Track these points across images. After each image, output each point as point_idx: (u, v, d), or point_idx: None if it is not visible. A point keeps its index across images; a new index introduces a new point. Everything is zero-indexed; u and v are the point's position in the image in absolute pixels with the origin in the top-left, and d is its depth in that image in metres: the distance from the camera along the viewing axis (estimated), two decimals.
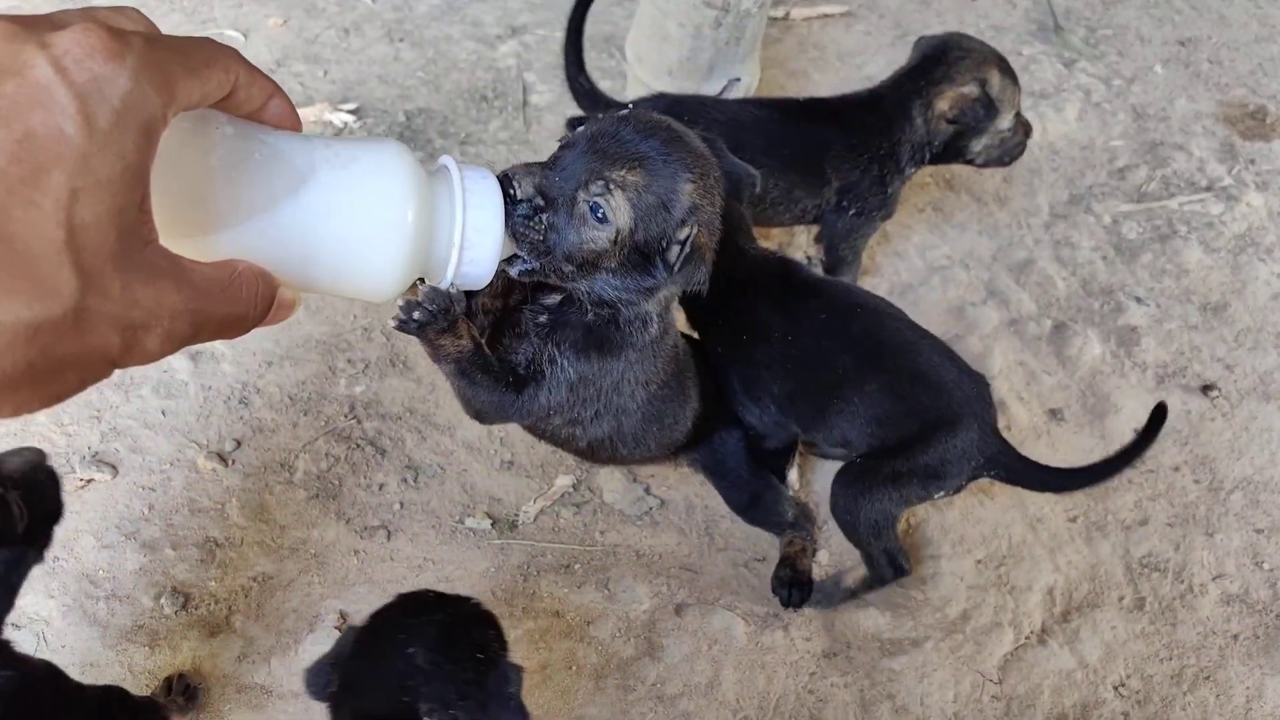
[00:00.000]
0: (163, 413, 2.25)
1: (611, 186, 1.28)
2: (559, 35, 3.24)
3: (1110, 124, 3.23)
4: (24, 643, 1.92)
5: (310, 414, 2.29)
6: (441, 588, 2.01)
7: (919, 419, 1.88)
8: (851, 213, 2.34)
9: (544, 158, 1.34)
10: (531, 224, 1.25)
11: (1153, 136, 3.20)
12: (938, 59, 2.32)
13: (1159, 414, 1.95)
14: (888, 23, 3.50)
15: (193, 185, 0.74)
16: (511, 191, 1.21)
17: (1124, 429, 2.44)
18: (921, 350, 1.91)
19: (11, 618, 1.95)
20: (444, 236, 0.95)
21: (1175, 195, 3.01)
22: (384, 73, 3.11)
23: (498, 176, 1.05)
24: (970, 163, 2.43)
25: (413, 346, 2.35)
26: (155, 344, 0.64)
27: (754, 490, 2.04)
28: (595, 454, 1.81)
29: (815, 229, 2.46)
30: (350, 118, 2.92)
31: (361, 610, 2.00)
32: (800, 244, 2.72)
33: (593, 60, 3.17)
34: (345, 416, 2.29)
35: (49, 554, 2.03)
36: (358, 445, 2.25)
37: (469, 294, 1.42)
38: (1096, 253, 2.84)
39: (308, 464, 2.21)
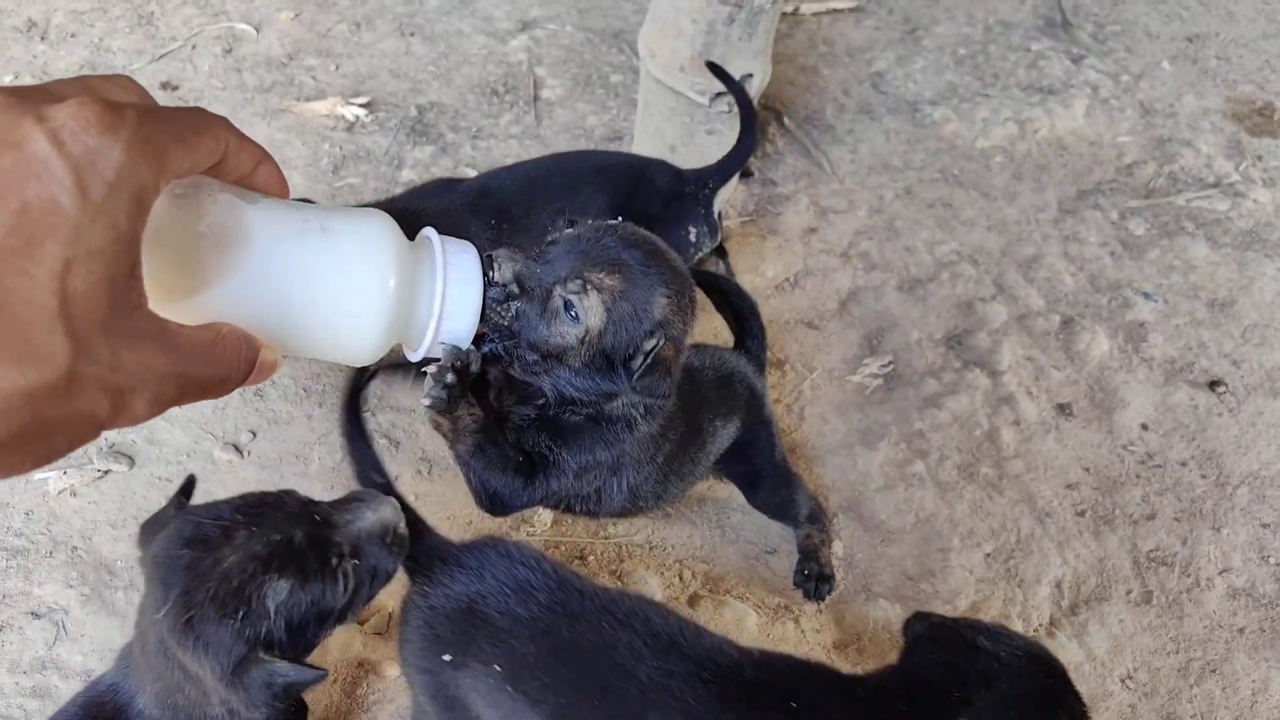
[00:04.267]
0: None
1: (589, 287, 1.30)
2: (570, 30, 3.26)
3: (1118, 120, 3.24)
4: (43, 632, 1.94)
5: (325, 406, 2.30)
6: None
7: None
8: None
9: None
10: (501, 308, 1.27)
11: (1160, 133, 3.21)
12: None
13: None
14: (897, 18, 3.51)
15: (181, 250, 0.75)
16: (490, 274, 1.23)
17: (1132, 424, 2.46)
18: None
19: (30, 606, 1.99)
20: (424, 306, 0.97)
21: (1183, 191, 3.02)
22: (395, 67, 3.12)
23: (482, 254, 1.07)
24: None
25: None
26: (142, 407, 0.65)
27: (773, 485, 2.05)
28: (624, 515, 1.82)
29: None
30: (362, 111, 2.94)
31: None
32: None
33: (603, 56, 3.19)
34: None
35: (71, 544, 2.06)
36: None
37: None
38: (1104, 249, 2.86)
39: (323, 456, 2.23)
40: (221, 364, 0.73)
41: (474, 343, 1.18)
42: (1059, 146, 3.13)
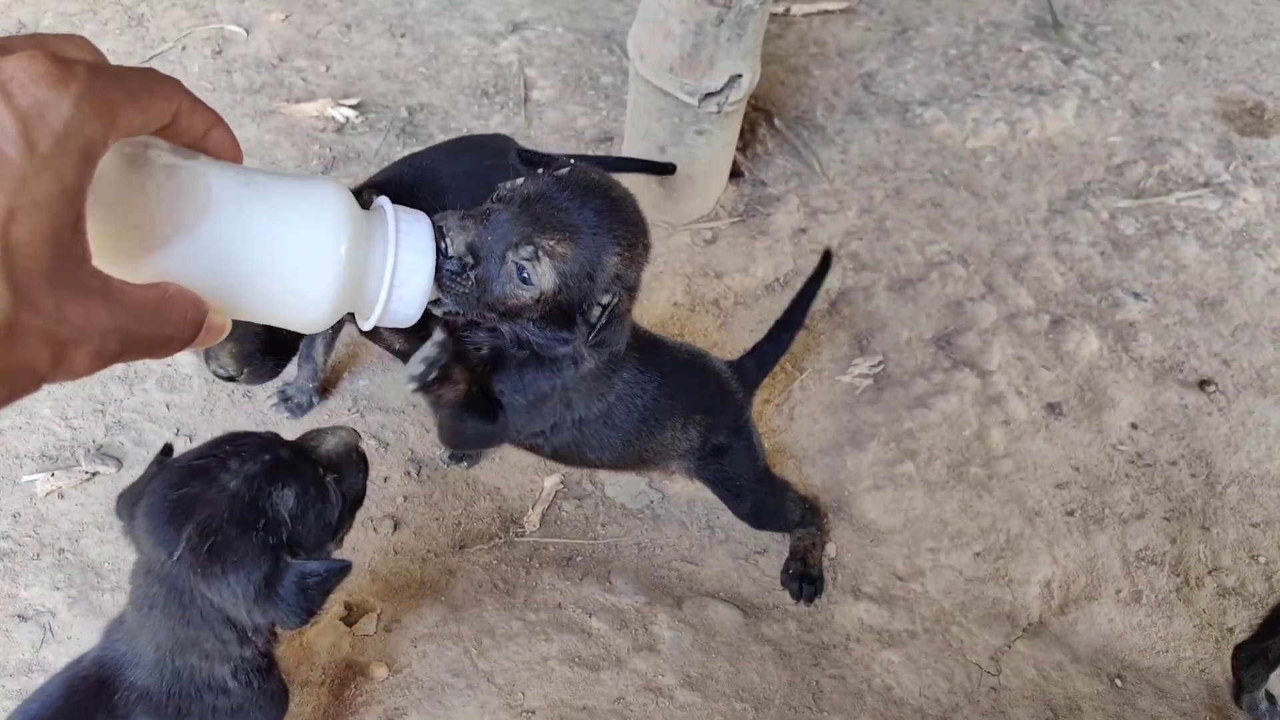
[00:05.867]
0: (166, 406, 2.27)
1: (540, 254, 1.31)
2: (560, 31, 3.26)
3: (1108, 120, 3.24)
4: (30, 634, 1.94)
5: (312, 409, 2.30)
6: (445, 580, 2.04)
7: None
8: None
9: (496, 190, 1.36)
10: (459, 279, 1.27)
11: (1151, 133, 3.21)
12: None
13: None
14: (888, 19, 3.52)
15: (129, 209, 0.75)
16: (443, 245, 1.23)
17: (1122, 423, 2.46)
18: None
19: (17, 609, 1.98)
20: (375, 274, 0.97)
21: (1173, 191, 3.03)
22: (385, 68, 3.11)
23: (432, 223, 1.07)
24: None
25: None
26: (83, 360, 0.65)
27: (757, 499, 2.04)
28: (564, 459, 1.82)
29: None
30: (352, 113, 2.93)
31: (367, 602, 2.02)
32: None
33: (593, 57, 3.19)
34: (348, 410, 2.31)
35: (58, 547, 2.06)
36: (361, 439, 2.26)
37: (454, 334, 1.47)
38: (1094, 248, 2.86)
39: None
40: (168, 324, 0.73)
41: (432, 304, 1.19)
42: (1049, 147, 3.13)
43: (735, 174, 2.89)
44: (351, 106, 2.95)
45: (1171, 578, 2.23)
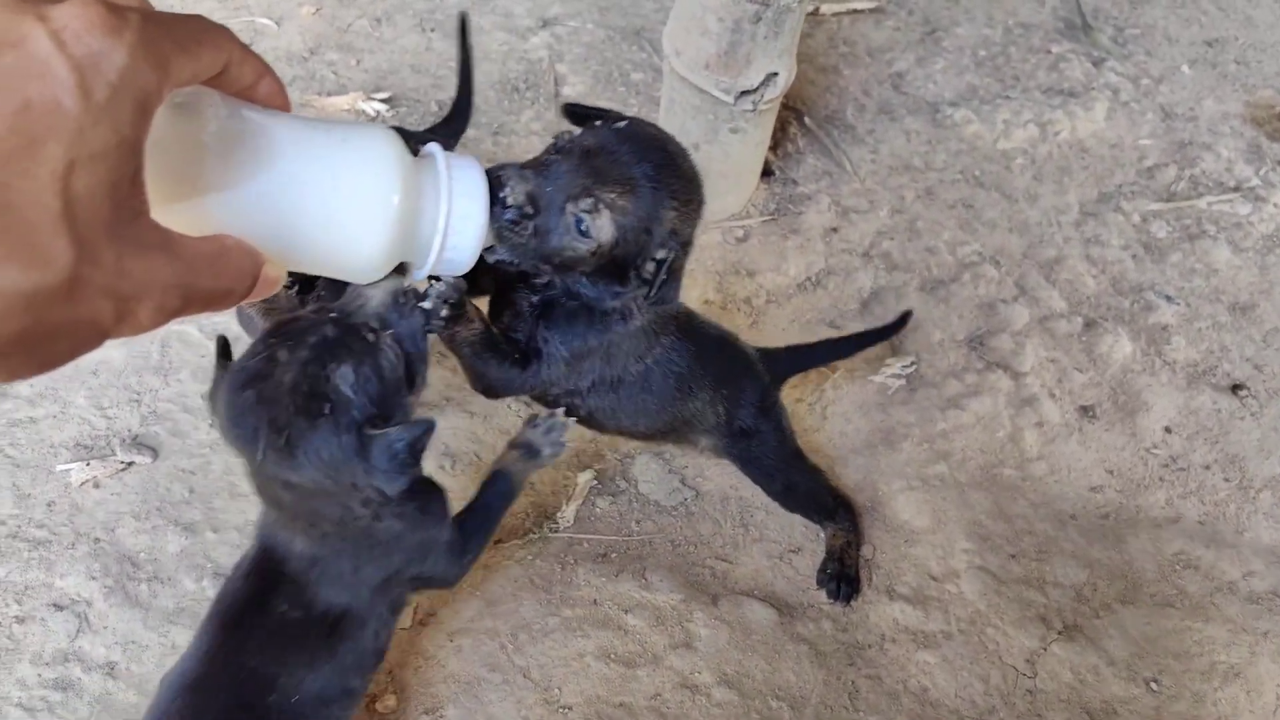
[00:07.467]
0: (202, 396, 2.27)
1: (600, 206, 1.31)
2: (590, 27, 3.26)
3: (1139, 123, 3.23)
4: (65, 624, 1.94)
5: None
6: (480, 575, 2.04)
7: None
8: None
9: (554, 138, 1.37)
10: (518, 228, 1.28)
11: (1181, 136, 3.20)
12: None
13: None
14: (917, 19, 3.51)
15: (184, 160, 0.75)
16: (503, 195, 1.24)
17: (1155, 427, 2.46)
18: None
19: (53, 598, 1.99)
20: (428, 222, 0.96)
21: (1204, 195, 3.02)
22: (416, 62, 3.11)
23: (489, 173, 1.07)
24: None
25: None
26: (146, 315, 0.65)
27: (787, 479, 2.05)
28: (597, 423, 1.82)
29: None
30: (383, 106, 2.93)
31: None
32: None
33: (623, 53, 3.19)
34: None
35: (94, 536, 2.06)
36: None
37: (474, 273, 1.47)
38: (1126, 251, 2.85)
39: None
40: (226, 276, 0.72)
41: (486, 251, 1.18)
42: (1080, 149, 3.12)
43: (766, 172, 2.89)
44: (382, 100, 2.95)
45: (1205, 582, 2.22)
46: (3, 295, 0.55)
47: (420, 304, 1.39)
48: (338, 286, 1.41)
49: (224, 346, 1.43)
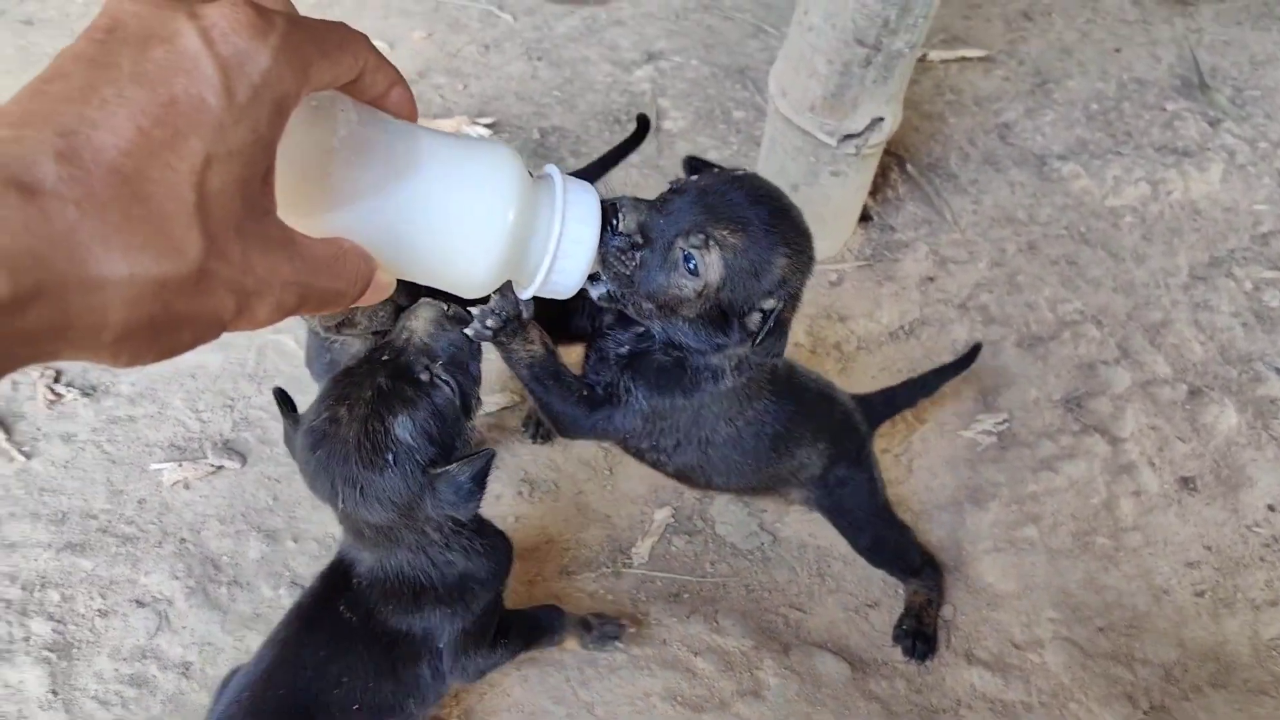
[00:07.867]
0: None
1: (711, 243, 1.30)
2: (695, 64, 3.27)
3: (1255, 187, 3.12)
4: (146, 621, 1.98)
5: None
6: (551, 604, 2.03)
7: None
8: None
9: (670, 183, 1.37)
10: (624, 257, 1.27)
11: None
12: None
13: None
14: (1027, 69, 3.44)
15: (312, 163, 0.76)
16: (614, 222, 1.24)
17: (1259, 504, 2.35)
18: None
19: (136, 594, 2.03)
20: (540, 242, 0.96)
21: None
22: (521, 89, 3.15)
23: (605, 203, 1.06)
24: None
25: None
26: (265, 311, 0.67)
27: (876, 532, 2.00)
28: (687, 479, 1.80)
29: None
30: (487, 131, 2.97)
31: None
32: None
33: (726, 91, 3.19)
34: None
35: (180, 536, 2.10)
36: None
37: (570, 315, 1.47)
38: (1236, 319, 2.74)
39: None
40: (341, 279, 0.73)
41: (590, 281, 1.17)
42: (1192, 210, 3.02)
43: (864, 217, 2.85)
44: (486, 125, 3.00)
45: None
46: (135, 282, 0.56)
47: (464, 329, 1.42)
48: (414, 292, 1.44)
49: (283, 397, 1.49)
